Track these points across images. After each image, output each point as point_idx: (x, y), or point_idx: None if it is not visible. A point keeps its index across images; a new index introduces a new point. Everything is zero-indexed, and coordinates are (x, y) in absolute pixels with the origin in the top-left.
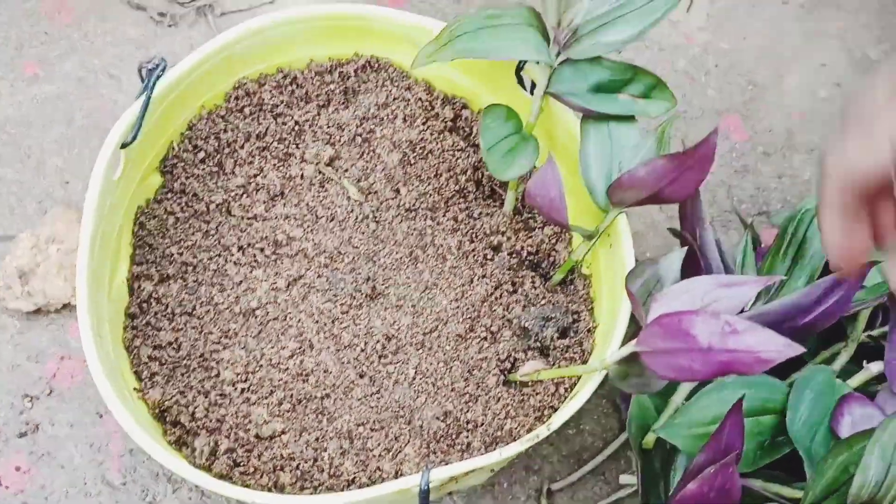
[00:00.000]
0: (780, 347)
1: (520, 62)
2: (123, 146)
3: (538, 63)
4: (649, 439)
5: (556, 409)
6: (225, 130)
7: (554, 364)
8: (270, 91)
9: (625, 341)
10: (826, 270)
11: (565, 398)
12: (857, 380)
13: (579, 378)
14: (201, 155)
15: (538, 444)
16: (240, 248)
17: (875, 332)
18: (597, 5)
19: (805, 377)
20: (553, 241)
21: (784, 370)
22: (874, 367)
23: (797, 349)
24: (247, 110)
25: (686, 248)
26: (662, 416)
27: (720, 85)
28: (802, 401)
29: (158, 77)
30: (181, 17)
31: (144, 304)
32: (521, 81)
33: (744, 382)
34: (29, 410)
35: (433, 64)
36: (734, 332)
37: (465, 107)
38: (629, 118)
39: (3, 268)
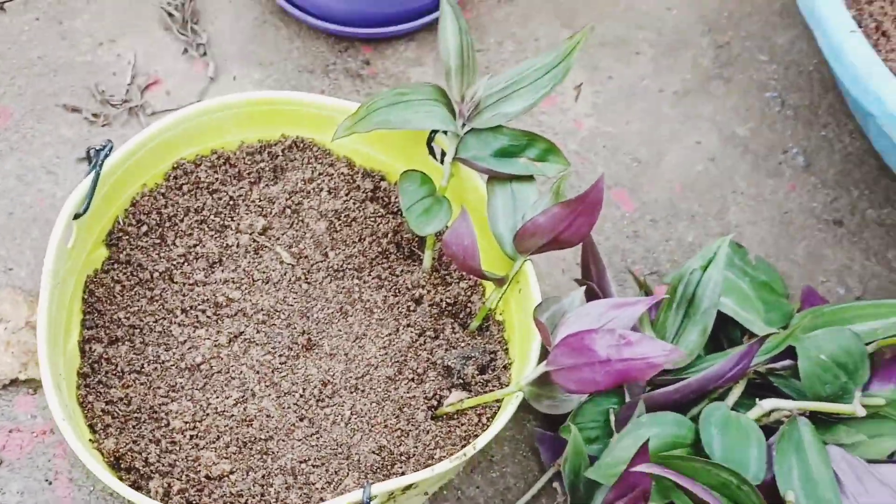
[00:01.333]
0: (666, 352)
1: (430, 133)
2: (76, 217)
3: (446, 133)
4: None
5: (479, 437)
6: (166, 206)
7: (475, 396)
8: (206, 170)
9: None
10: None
11: (487, 426)
12: (754, 413)
13: (499, 408)
14: (144, 228)
15: (466, 485)
16: (183, 310)
17: (761, 369)
18: (494, 83)
19: (707, 413)
20: (468, 293)
21: (684, 406)
22: (766, 405)
23: (681, 354)
24: (185, 188)
25: (584, 287)
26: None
27: (608, 163)
28: (712, 437)
29: (106, 156)
30: (114, 117)
31: (95, 364)
32: (431, 151)
33: (655, 421)
34: None
35: (352, 141)
36: (628, 343)
37: (383, 178)
38: (529, 178)
39: None
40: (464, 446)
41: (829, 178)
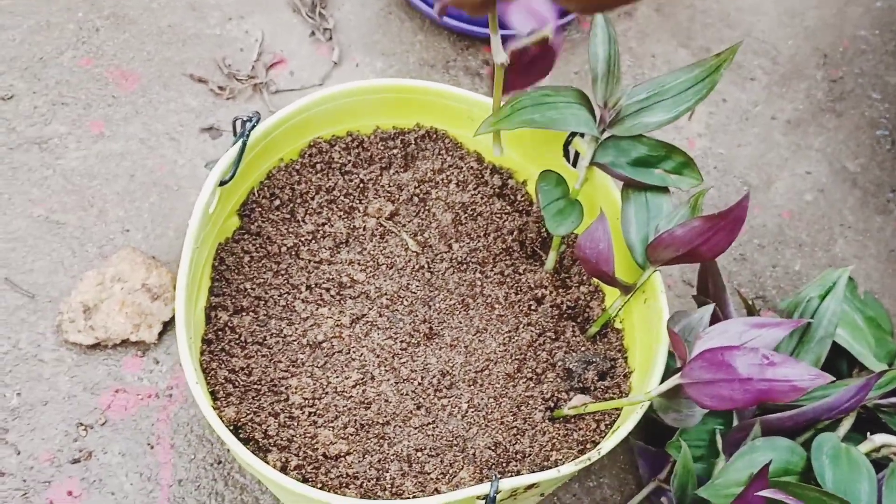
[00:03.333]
0: (812, 377)
1: (569, 136)
2: (221, 183)
3: (583, 137)
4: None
5: (597, 444)
6: (299, 182)
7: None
8: (340, 151)
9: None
10: (831, 361)
11: (605, 433)
12: (864, 447)
13: (618, 416)
14: (277, 202)
15: (563, 492)
16: (307, 287)
17: (869, 404)
18: (637, 92)
19: (819, 442)
20: (588, 298)
21: (793, 432)
22: (878, 439)
23: (827, 378)
24: (319, 166)
25: (713, 304)
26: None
27: (718, 184)
28: (823, 466)
29: (253, 126)
30: (239, 91)
31: (220, 332)
32: (566, 154)
33: (770, 446)
34: (83, 438)
35: (485, 136)
36: (771, 363)
37: (510, 177)
38: (664, 189)
39: (68, 302)
40: (580, 451)
41: None
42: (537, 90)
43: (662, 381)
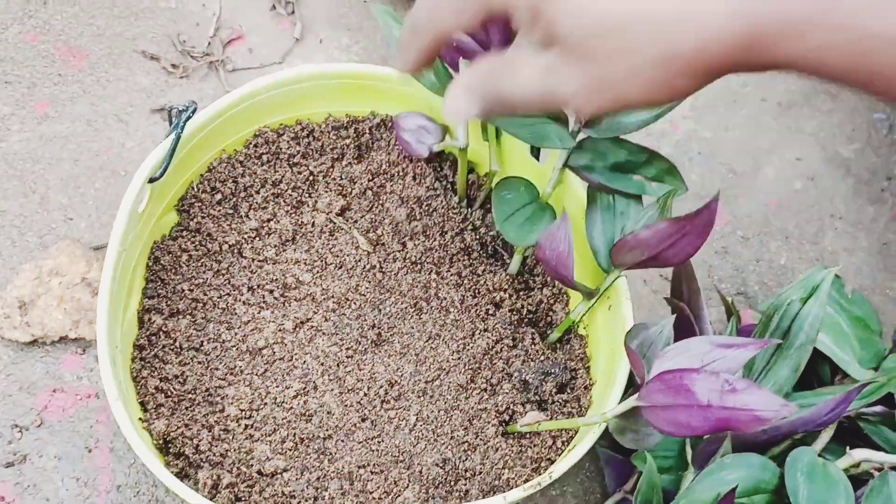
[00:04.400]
0: (777, 407)
1: None
2: (151, 181)
3: None
4: None
5: (552, 462)
6: (243, 175)
7: (552, 417)
8: (288, 141)
9: (621, 400)
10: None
11: (562, 451)
12: (843, 463)
13: (576, 433)
14: (218, 197)
15: (524, 500)
16: (249, 288)
17: (851, 413)
18: None
19: (794, 458)
20: (551, 301)
21: (768, 445)
22: (857, 454)
23: (792, 409)
24: (265, 157)
25: (675, 315)
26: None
27: (702, 171)
28: (798, 484)
29: (188, 118)
30: (193, 69)
31: (153, 337)
32: (533, 150)
33: (740, 463)
34: (18, 441)
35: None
36: (733, 390)
37: (472, 170)
38: (636, 195)
39: (3, 297)
40: (534, 469)
41: None
42: None
43: (624, 396)
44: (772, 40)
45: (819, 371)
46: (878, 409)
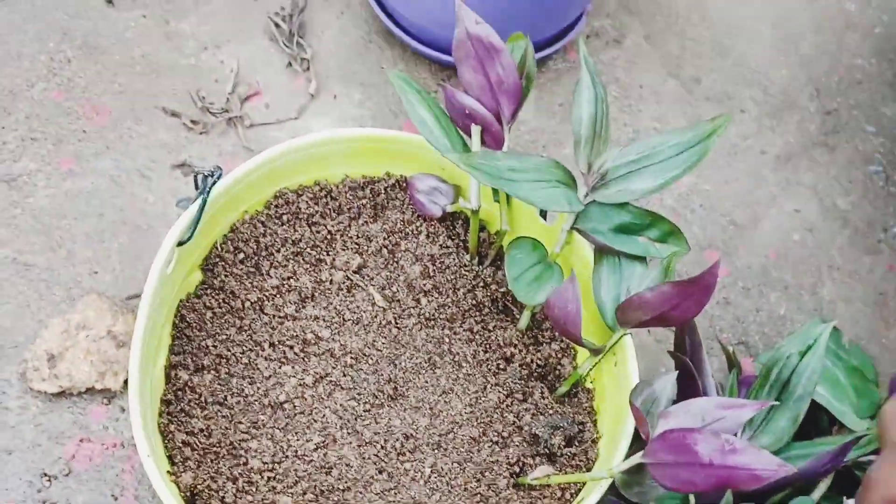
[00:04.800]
0: (774, 467)
1: None
2: (180, 244)
3: None
4: None
5: None
6: (264, 234)
7: (561, 470)
8: (307, 201)
9: (627, 453)
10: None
11: (570, 502)
12: None
13: (584, 484)
14: (241, 256)
15: None
16: (271, 344)
17: (848, 462)
18: (624, 154)
19: None
20: (559, 356)
21: (764, 495)
22: None
23: (789, 469)
24: (285, 217)
25: (678, 371)
26: None
27: (704, 223)
28: None
29: (215, 182)
30: (212, 125)
31: (179, 392)
32: (542, 212)
33: None
34: (47, 489)
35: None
36: (733, 450)
37: (483, 228)
38: (641, 257)
39: (33, 350)
40: None
41: None
42: (503, 161)
43: (630, 451)
44: None
45: (817, 420)
46: (874, 458)
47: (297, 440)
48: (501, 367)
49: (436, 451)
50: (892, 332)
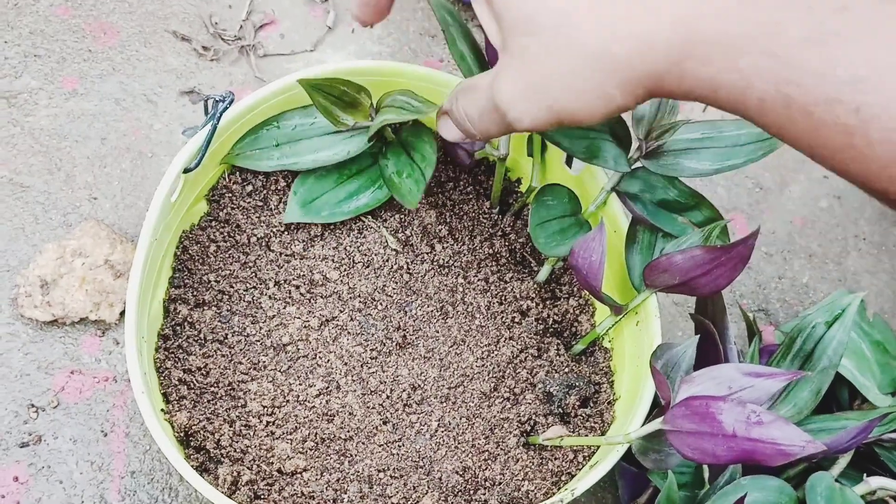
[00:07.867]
0: (802, 443)
1: None
2: (185, 171)
3: None
4: None
5: (573, 476)
6: None
7: (574, 431)
8: None
9: (645, 419)
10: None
11: (583, 466)
12: (860, 489)
13: (598, 448)
14: (249, 188)
15: None
16: (276, 283)
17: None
18: (688, 129)
19: (812, 482)
20: (577, 312)
21: (780, 468)
22: (874, 482)
23: (818, 447)
24: None
25: (698, 336)
26: None
27: (729, 185)
28: None
29: (225, 109)
30: (224, 53)
31: (178, 327)
32: (569, 161)
33: (757, 485)
34: (33, 421)
35: None
36: (759, 422)
37: (505, 175)
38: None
39: (25, 275)
40: (554, 483)
41: None
42: None
43: (647, 417)
44: (705, 55)
45: (837, 394)
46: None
47: (299, 385)
48: (516, 320)
49: (444, 404)
50: None
